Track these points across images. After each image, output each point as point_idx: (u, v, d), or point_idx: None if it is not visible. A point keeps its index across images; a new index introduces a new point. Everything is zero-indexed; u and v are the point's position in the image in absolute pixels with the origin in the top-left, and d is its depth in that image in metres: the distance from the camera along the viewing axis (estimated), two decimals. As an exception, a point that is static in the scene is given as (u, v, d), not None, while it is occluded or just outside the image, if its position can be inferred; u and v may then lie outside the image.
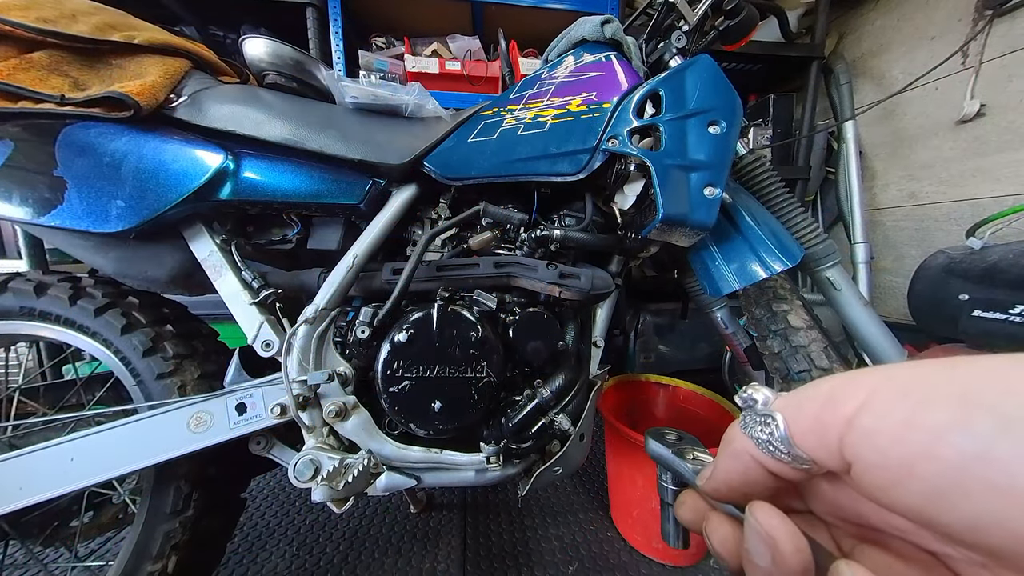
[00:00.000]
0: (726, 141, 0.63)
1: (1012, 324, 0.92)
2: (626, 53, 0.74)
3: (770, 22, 1.25)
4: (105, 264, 0.71)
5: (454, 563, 0.94)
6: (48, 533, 0.77)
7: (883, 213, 1.60)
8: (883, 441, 0.14)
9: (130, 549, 0.68)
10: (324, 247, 0.78)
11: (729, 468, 0.20)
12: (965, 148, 1.34)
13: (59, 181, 0.63)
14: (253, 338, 0.69)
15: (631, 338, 1.70)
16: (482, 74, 1.40)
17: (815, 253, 0.75)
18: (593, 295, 0.71)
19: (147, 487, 0.69)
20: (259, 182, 0.70)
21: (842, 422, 0.16)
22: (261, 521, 1.08)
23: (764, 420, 0.18)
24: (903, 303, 1.29)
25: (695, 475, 0.24)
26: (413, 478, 0.73)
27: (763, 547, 0.17)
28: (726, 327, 0.94)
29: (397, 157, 0.73)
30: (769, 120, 1.63)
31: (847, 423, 0.15)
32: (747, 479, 0.19)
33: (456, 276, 0.71)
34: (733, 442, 0.20)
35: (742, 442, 0.19)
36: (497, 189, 0.77)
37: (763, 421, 0.18)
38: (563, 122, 0.70)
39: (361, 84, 0.80)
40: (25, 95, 0.61)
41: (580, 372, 0.77)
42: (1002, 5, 1.21)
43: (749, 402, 0.20)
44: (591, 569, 0.93)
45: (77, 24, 0.65)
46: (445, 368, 0.67)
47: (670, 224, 0.61)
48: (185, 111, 0.68)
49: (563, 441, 0.75)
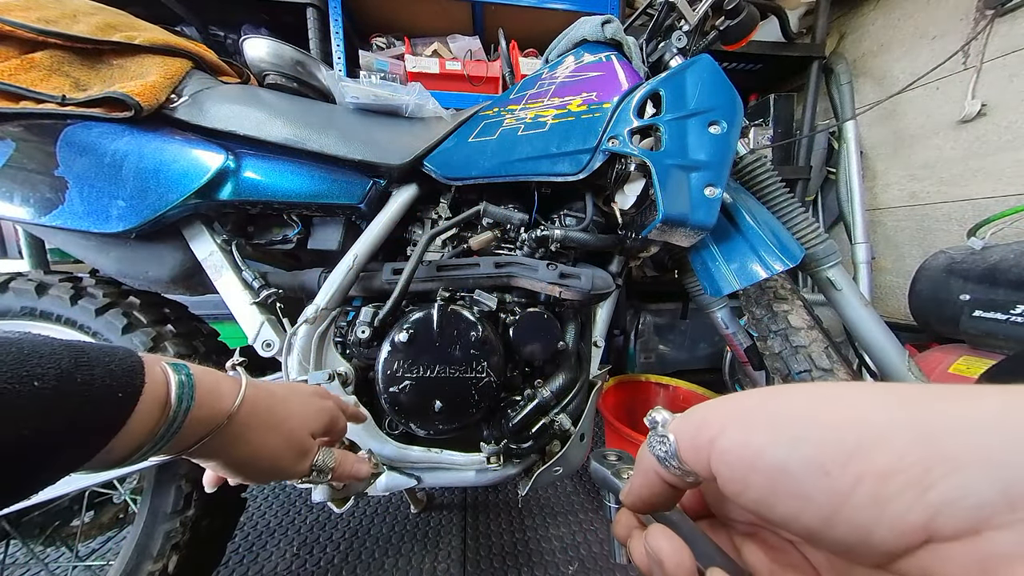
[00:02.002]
0: (727, 141, 0.63)
1: (1013, 324, 0.92)
2: (626, 53, 0.74)
3: (770, 22, 1.25)
4: (106, 264, 0.71)
5: (454, 563, 0.94)
6: (49, 533, 0.77)
7: (884, 213, 1.60)
8: (731, 459, 0.18)
9: (131, 548, 0.68)
10: (324, 247, 0.78)
11: (641, 483, 0.23)
12: (966, 148, 1.33)
13: (60, 181, 0.63)
14: (254, 338, 0.69)
15: (631, 338, 1.70)
16: (482, 74, 1.40)
17: (816, 253, 0.75)
18: (593, 295, 0.71)
19: (148, 487, 0.69)
20: (260, 182, 0.70)
21: (708, 443, 0.19)
22: (261, 521, 1.08)
23: (662, 439, 0.21)
24: (904, 303, 1.29)
25: None
26: (413, 478, 0.73)
27: (654, 564, 0.21)
28: (726, 327, 0.94)
29: (397, 157, 0.73)
30: (770, 120, 1.63)
31: (711, 444, 0.19)
32: (654, 492, 0.22)
33: (456, 276, 0.71)
34: (643, 460, 0.23)
35: (648, 460, 0.22)
36: (497, 189, 0.77)
37: (661, 440, 0.21)
38: (563, 122, 0.70)
39: (361, 84, 0.80)
40: (26, 95, 0.61)
41: (580, 372, 0.77)
42: (1003, 5, 1.21)
43: (652, 424, 0.22)
44: (591, 569, 0.93)
45: (78, 24, 0.65)
46: (445, 368, 0.67)
47: (671, 224, 0.61)
48: (186, 111, 0.68)
49: (563, 441, 0.75)
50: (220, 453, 0.33)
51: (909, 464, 0.14)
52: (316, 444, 0.39)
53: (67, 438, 0.24)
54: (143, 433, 0.27)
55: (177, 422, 0.28)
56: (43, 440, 0.22)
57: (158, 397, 0.28)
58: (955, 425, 0.14)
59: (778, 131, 1.63)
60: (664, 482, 0.22)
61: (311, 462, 0.39)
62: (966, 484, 0.13)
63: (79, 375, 0.24)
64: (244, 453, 0.34)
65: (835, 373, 0.70)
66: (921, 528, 0.14)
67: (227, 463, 0.34)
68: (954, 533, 0.13)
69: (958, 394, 0.15)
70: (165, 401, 0.28)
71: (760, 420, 0.18)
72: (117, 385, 0.25)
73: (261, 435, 0.35)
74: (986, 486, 0.13)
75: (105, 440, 0.25)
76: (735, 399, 0.20)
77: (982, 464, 0.13)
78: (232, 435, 0.33)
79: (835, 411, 0.16)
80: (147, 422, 0.27)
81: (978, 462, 0.13)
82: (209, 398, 0.31)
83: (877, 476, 0.14)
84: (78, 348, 0.25)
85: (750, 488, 0.18)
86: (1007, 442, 0.13)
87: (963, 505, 0.13)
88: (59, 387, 0.23)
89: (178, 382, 0.29)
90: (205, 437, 0.31)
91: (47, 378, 0.23)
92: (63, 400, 0.23)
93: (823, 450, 0.16)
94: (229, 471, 0.35)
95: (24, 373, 0.22)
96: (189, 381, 0.30)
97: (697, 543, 0.21)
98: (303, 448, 0.38)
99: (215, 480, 0.40)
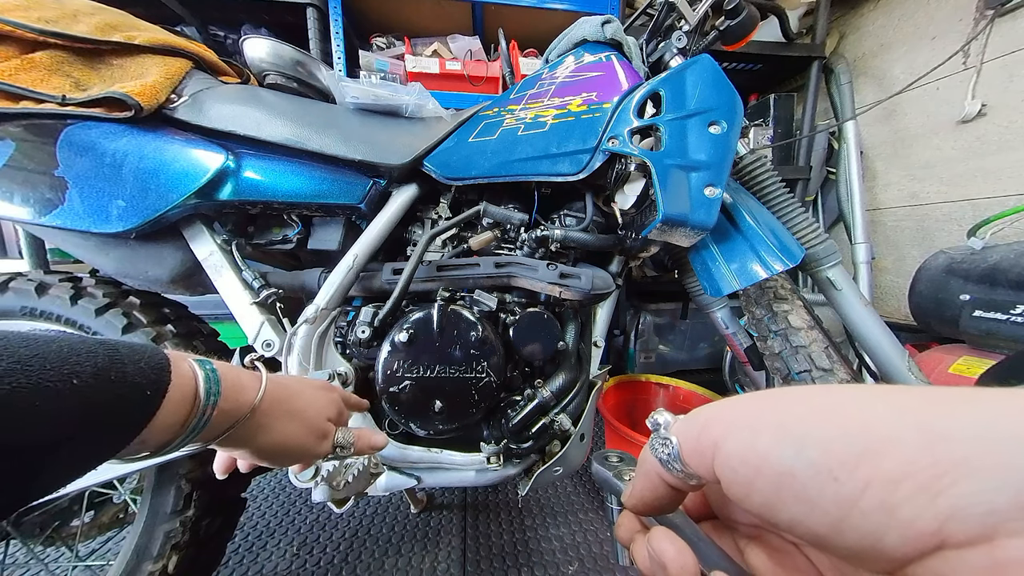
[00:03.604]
0: (727, 141, 0.63)
1: (1013, 324, 0.92)
2: (627, 53, 0.74)
3: (770, 22, 1.25)
4: (106, 264, 0.71)
5: (454, 563, 0.94)
6: (49, 533, 0.77)
7: (884, 213, 1.60)
8: (735, 462, 0.18)
9: (131, 548, 0.68)
10: (324, 247, 0.78)
11: (643, 486, 0.23)
12: (966, 148, 1.33)
13: (60, 181, 0.63)
14: (254, 338, 0.69)
15: (631, 338, 1.70)
16: (482, 74, 1.40)
17: (816, 253, 0.75)
18: (593, 295, 0.71)
19: (148, 487, 0.69)
20: (260, 182, 0.70)
21: (711, 446, 0.19)
22: (261, 521, 1.08)
23: (665, 442, 0.21)
24: (904, 303, 1.29)
25: None
26: (413, 478, 0.73)
27: (657, 568, 0.21)
28: (726, 327, 0.94)
29: (397, 157, 0.73)
30: (770, 120, 1.63)
31: (715, 447, 0.19)
32: (657, 494, 0.22)
33: (456, 276, 0.71)
34: (645, 462, 0.23)
35: (650, 462, 0.22)
36: (497, 189, 0.77)
37: (664, 443, 0.21)
38: (563, 122, 0.70)
39: (362, 84, 0.80)
40: (26, 95, 0.61)
41: (580, 372, 0.77)
42: (1003, 5, 1.21)
43: (655, 426, 0.22)
44: (591, 569, 0.93)
45: (78, 24, 0.65)
46: (445, 368, 0.67)
47: (671, 224, 0.61)
48: (186, 111, 0.68)
49: (563, 441, 0.75)
50: (247, 441, 0.36)
51: (918, 470, 0.14)
52: (332, 427, 0.43)
53: (102, 431, 0.26)
54: (176, 424, 0.29)
55: (206, 415, 0.31)
56: (80, 433, 0.24)
57: (187, 392, 0.30)
58: (964, 430, 0.14)
59: (778, 131, 1.63)
60: (666, 484, 0.22)
61: (332, 442, 0.43)
62: (977, 490, 0.13)
63: (113, 373, 0.26)
64: (269, 440, 0.37)
65: (835, 373, 0.70)
66: (931, 535, 0.13)
67: (254, 450, 0.37)
68: (966, 540, 0.13)
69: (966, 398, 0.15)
70: (194, 395, 0.30)
71: (766, 423, 0.18)
72: (146, 383, 0.27)
73: (283, 423, 0.38)
74: (998, 492, 0.13)
75: (134, 433, 0.27)
76: (739, 401, 0.20)
77: (993, 469, 0.13)
78: (256, 425, 0.36)
79: (842, 415, 0.16)
80: (179, 414, 0.29)
81: (989, 467, 0.13)
82: (233, 392, 0.33)
83: (886, 482, 0.14)
84: (112, 347, 0.27)
85: (755, 492, 0.18)
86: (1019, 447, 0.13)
87: (974, 512, 0.13)
88: (95, 384, 0.25)
89: (205, 377, 0.31)
90: (232, 427, 0.34)
91: (84, 375, 0.24)
92: (98, 396, 0.25)
93: (831, 455, 0.15)
94: (257, 457, 0.38)
95: (66, 371, 0.24)
96: (215, 376, 0.32)
97: (700, 545, 0.21)
98: (323, 431, 0.42)
99: (226, 467, 0.43)
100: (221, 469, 0.43)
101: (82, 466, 0.26)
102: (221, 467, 0.43)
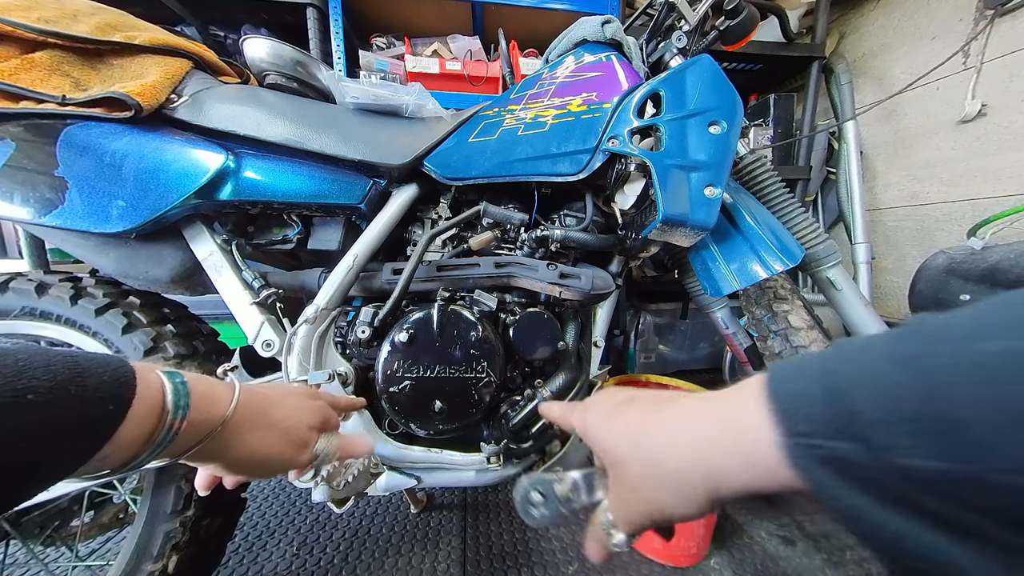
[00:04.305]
0: (727, 141, 0.63)
1: (1013, 324, 0.92)
2: (626, 53, 0.74)
3: (770, 22, 1.25)
4: (106, 264, 0.71)
5: (454, 563, 0.94)
6: (49, 533, 0.77)
7: (884, 213, 1.60)
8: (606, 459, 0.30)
9: (131, 549, 0.68)
10: (324, 247, 0.78)
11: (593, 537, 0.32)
12: (966, 148, 1.33)
13: (60, 181, 0.63)
14: (254, 338, 0.69)
15: (631, 338, 1.70)
16: (482, 74, 1.40)
17: (816, 253, 0.75)
18: (593, 295, 0.71)
19: (148, 487, 0.69)
20: (260, 182, 0.70)
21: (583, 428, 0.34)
22: (261, 521, 1.08)
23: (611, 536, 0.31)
24: (904, 303, 1.29)
25: None
26: (413, 478, 0.73)
27: None
28: (726, 327, 0.94)
29: (397, 157, 0.73)
30: (770, 120, 1.63)
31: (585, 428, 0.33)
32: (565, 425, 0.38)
33: (456, 276, 0.71)
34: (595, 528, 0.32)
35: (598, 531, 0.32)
36: (497, 189, 0.77)
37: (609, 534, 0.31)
38: (563, 122, 0.70)
39: (362, 84, 0.80)
40: (26, 95, 0.61)
41: (580, 372, 0.77)
42: (1003, 5, 1.21)
43: None
44: (591, 569, 0.93)
45: (78, 24, 0.65)
46: (445, 368, 0.67)
47: (671, 224, 0.61)
48: (186, 111, 0.68)
49: (563, 441, 0.75)
50: (219, 455, 0.35)
51: None
52: (315, 436, 0.42)
53: (59, 448, 0.25)
54: (140, 439, 0.28)
55: (174, 428, 0.29)
56: (36, 450, 0.23)
57: (154, 405, 0.29)
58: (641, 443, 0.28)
59: (778, 131, 1.63)
60: None
61: (312, 451, 0.41)
62: None
63: (72, 387, 0.25)
64: (243, 453, 0.36)
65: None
66: None
67: (227, 464, 0.36)
68: None
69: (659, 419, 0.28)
70: (161, 408, 0.29)
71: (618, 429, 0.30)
72: (108, 396, 0.26)
73: (258, 435, 0.36)
74: None
75: (95, 449, 0.26)
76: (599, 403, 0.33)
77: None
78: (229, 437, 0.34)
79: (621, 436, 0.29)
80: (143, 428, 0.28)
81: None
82: (204, 404, 0.32)
83: None
84: (73, 359, 0.26)
85: None
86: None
87: None
88: (52, 400, 0.24)
89: (173, 390, 0.30)
90: (202, 441, 0.32)
91: (41, 391, 0.23)
92: (56, 411, 0.24)
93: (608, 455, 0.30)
94: (230, 470, 0.37)
95: (20, 386, 0.23)
96: (184, 389, 0.31)
97: None
98: (302, 441, 0.40)
99: (208, 483, 0.41)
100: (203, 486, 0.42)
101: (32, 487, 0.25)
102: (203, 483, 0.41)
